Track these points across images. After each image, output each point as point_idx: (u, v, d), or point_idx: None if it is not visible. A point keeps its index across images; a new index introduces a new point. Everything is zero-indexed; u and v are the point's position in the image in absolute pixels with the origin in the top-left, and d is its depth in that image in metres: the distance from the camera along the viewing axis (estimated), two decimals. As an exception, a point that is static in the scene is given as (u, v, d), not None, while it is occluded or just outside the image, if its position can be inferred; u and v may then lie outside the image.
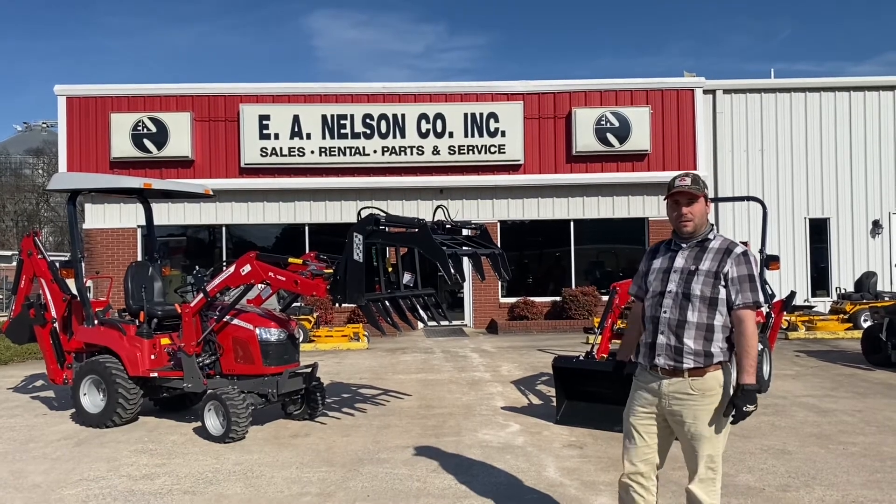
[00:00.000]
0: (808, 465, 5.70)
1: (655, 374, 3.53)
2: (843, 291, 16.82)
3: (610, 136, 17.54)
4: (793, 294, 10.32)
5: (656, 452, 3.61)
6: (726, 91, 18.63)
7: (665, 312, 3.49)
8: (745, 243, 10.17)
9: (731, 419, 3.43)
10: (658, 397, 3.52)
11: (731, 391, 3.45)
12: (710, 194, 17.44)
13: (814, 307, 17.30)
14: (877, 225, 18.58)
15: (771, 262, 9.86)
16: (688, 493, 3.54)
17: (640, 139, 17.60)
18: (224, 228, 17.93)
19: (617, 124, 17.55)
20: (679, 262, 3.53)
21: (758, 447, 6.22)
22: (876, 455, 5.95)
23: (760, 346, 8.63)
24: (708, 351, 3.42)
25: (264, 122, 17.25)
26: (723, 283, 3.42)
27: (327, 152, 17.32)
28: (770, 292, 10.09)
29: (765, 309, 9.93)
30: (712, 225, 3.64)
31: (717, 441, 3.46)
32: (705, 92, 18.25)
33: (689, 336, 3.43)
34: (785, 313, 10.67)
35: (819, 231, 18.68)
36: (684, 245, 3.56)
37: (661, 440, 3.61)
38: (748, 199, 11.43)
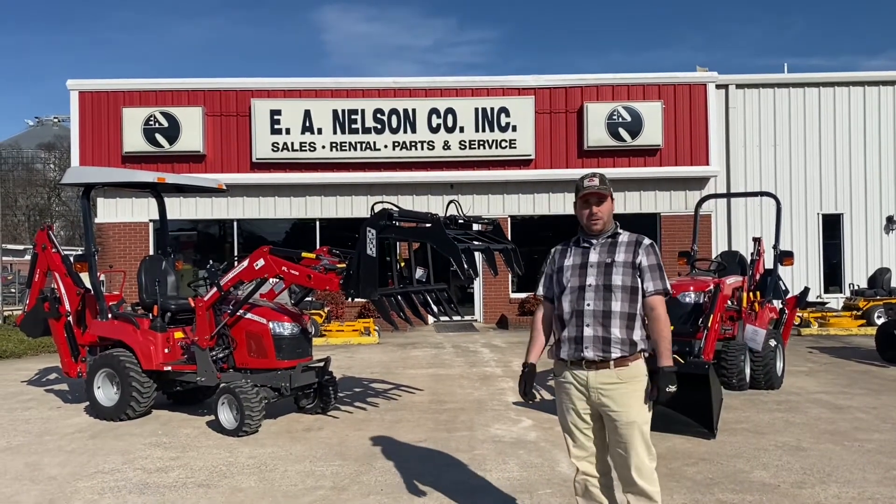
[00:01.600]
0: (823, 461, 5.66)
1: (580, 367, 3.56)
2: (856, 288, 16.70)
3: (622, 131, 17.46)
4: (806, 290, 10.25)
5: (600, 445, 3.65)
6: (739, 86, 18.50)
7: (589, 305, 3.55)
8: (757, 239, 10.18)
9: (652, 400, 3.50)
10: (587, 390, 3.56)
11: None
12: (723, 190, 17.65)
13: (827, 303, 17.20)
14: (891, 221, 18.42)
15: (785, 257, 9.79)
16: (625, 484, 3.55)
17: (652, 134, 17.51)
18: (235, 223, 17.97)
19: (629, 119, 17.46)
20: (594, 256, 3.63)
21: (772, 444, 6.19)
22: (891, 452, 5.90)
23: (774, 343, 8.63)
24: (632, 339, 3.51)
25: (275, 117, 17.26)
26: (638, 272, 3.57)
27: (338, 147, 17.32)
28: (784, 288, 10.04)
29: (778, 305, 9.89)
30: (616, 221, 3.79)
31: (647, 427, 3.53)
32: (718, 87, 18.13)
33: (616, 325, 3.51)
34: (798, 309, 10.60)
35: (832, 227, 18.55)
36: (594, 241, 3.68)
37: (598, 432, 3.65)
38: (762, 194, 11.37)
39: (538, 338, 3.84)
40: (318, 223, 17.97)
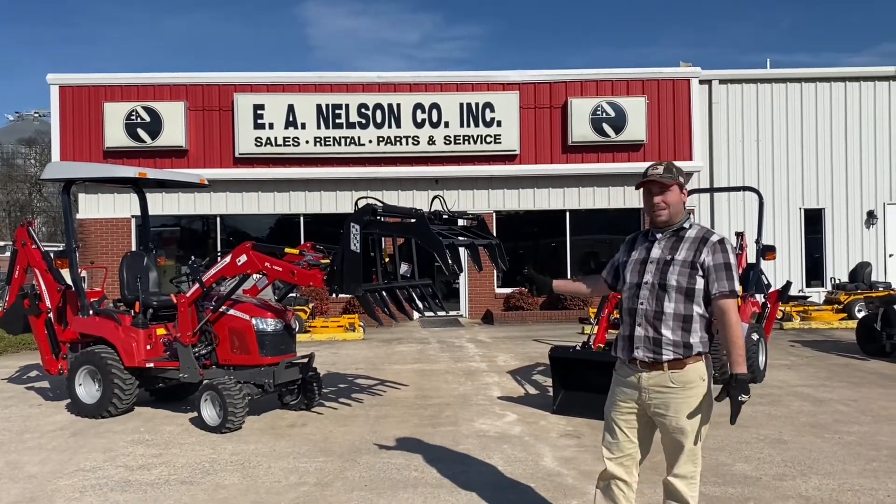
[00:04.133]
0: (804, 454, 5.72)
1: (635, 368, 3.46)
2: (837, 282, 16.86)
3: (606, 127, 17.51)
4: (788, 284, 10.34)
5: (638, 447, 3.57)
6: (722, 81, 18.60)
7: (642, 304, 3.42)
8: (740, 234, 10.23)
9: (730, 418, 3.36)
10: (638, 391, 3.46)
11: (721, 383, 3.36)
12: (706, 185, 17.74)
13: (808, 297, 17.35)
14: (871, 215, 18.61)
15: (767, 252, 9.86)
16: (666, 485, 3.51)
17: (635, 129, 17.56)
18: (218, 219, 17.86)
19: (613, 114, 17.50)
20: (655, 252, 3.45)
21: (754, 436, 6.24)
22: (871, 444, 5.97)
23: (756, 336, 8.68)
24: (687, 342, 3.35)
25: (259, 112, 17.15)
26: (700, 273, 3.34)
27: (322, 142, 17.25)
28: (766, 282, 10.11)
29: (760, 299, 9.96)
30: (689, 213, 3.59)
31: (699, 434, 3.42)
32: (701, 82, 18.21)
33: (667, 327, 3.35)
34: (780, 303, 10.69)
35: (814, 221, 18.70)
36: (660, 235, 3.50)
37: (642, 434, 3.56)
38: (744, 189, 11.44)
39: (574, 280, 4.14)
40: (302, 219, 17.89)
